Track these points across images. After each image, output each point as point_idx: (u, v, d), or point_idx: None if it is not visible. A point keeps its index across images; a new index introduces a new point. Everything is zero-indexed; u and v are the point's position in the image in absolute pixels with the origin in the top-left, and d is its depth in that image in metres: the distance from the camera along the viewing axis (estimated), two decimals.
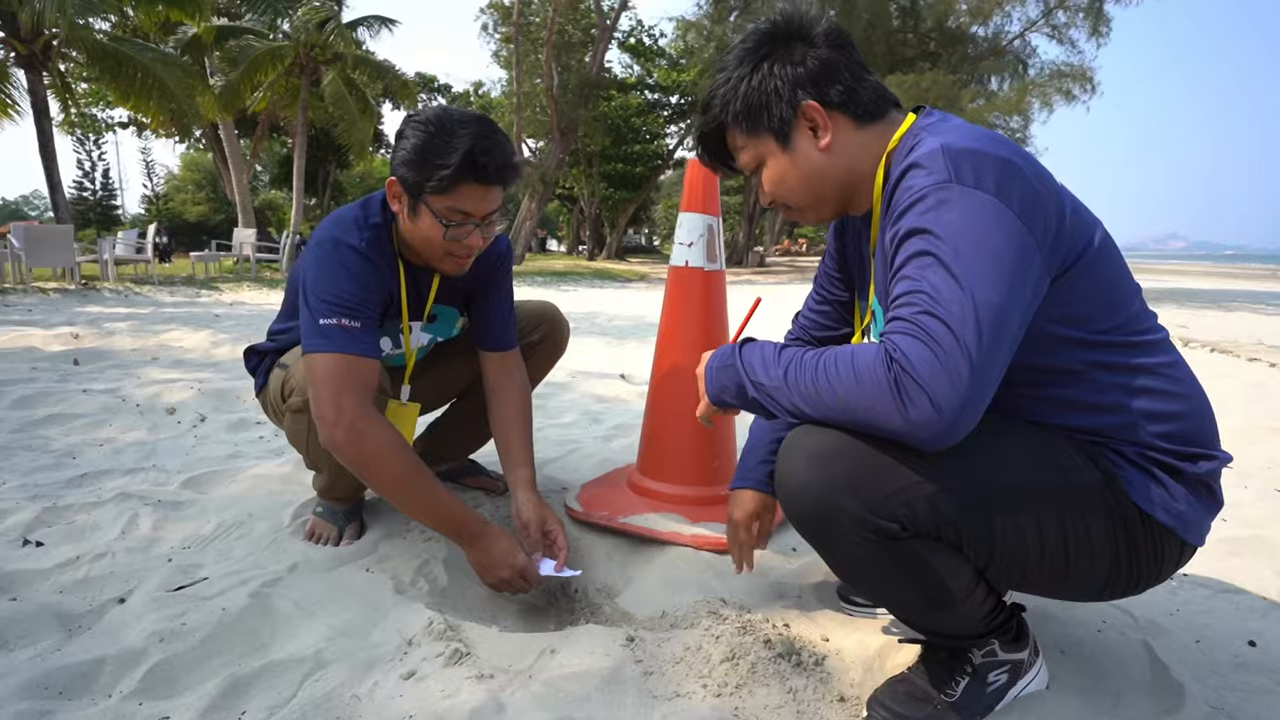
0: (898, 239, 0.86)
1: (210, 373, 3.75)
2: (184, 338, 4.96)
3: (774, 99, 0.98)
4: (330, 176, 27.66)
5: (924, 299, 0.80)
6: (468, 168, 1.30)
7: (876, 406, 0.80)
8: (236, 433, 2.61)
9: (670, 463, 1.78)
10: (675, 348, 1.77)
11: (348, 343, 1.32)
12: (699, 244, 1.74)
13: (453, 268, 1.46)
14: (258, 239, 13.42)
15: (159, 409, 2.91)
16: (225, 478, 2.09)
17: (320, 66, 13.77)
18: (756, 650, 1.12)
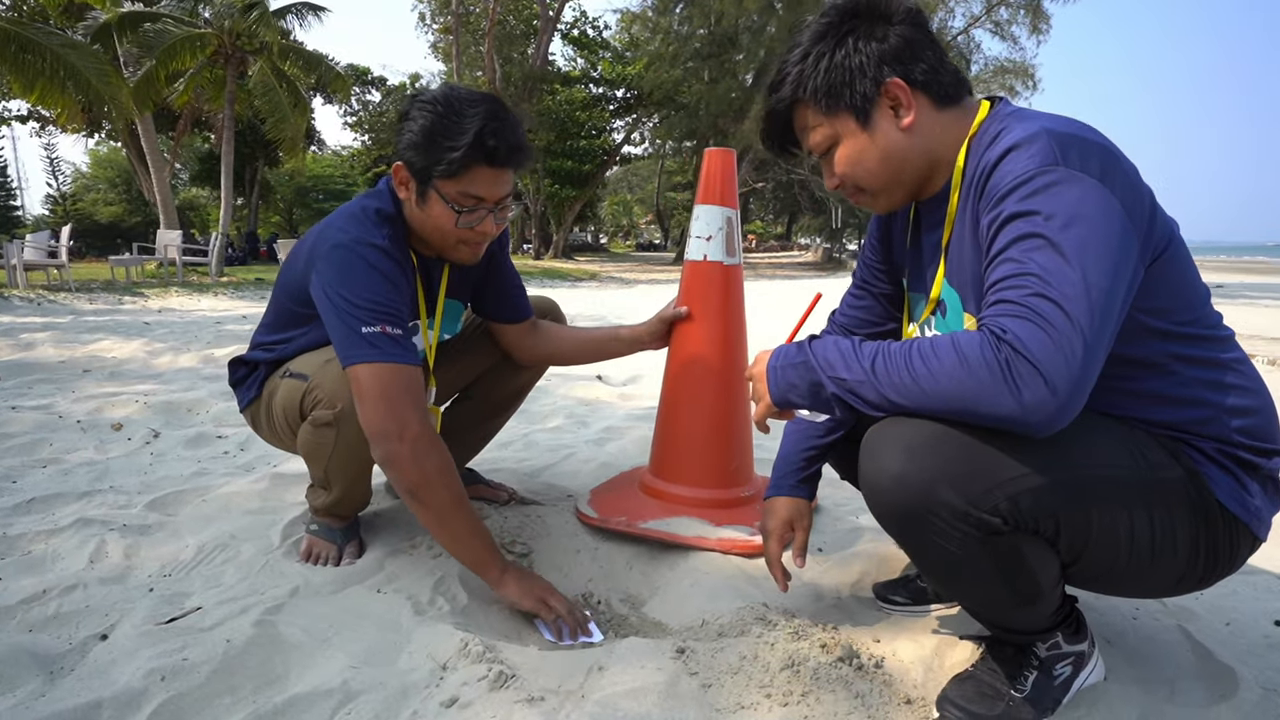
0: (999, 221, 0.85)
1: (154, 384, 3.56)
2: (116, 348, 4.70)
3: (857, 75, 0.96)
4: (258, 174, 26.74)
5: (1034, 281, 0.79)
6: (479, 149, 1.26)
7: (985, 392, 0.79)
8: (197, 448, 2.48)
9: (687, 464, 1.73)
10: (694, 344, 1.73)
11: (399, 352, 1.26)
12: (718, 237, 1.71)
13: (467, 256, 1.42)
14: (194, 232, 12.88)
15: (103, 425, 2.74)
16: (194, 497, 1.97)
17: (247, 56, 13.25)
18: (816, 656, 1.11)
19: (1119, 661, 1.17)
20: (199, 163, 26.73)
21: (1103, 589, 0.99)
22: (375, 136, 33.09)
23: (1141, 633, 1.28)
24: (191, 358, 4.31)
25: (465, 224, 1.33)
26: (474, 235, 1.37)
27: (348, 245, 1.32)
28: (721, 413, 1.72)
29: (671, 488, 1.73)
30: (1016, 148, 0.87)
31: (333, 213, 1.46)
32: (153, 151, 14.43)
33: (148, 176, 16.96)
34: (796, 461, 1.29)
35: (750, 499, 1.74)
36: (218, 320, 6.77)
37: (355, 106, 30.72)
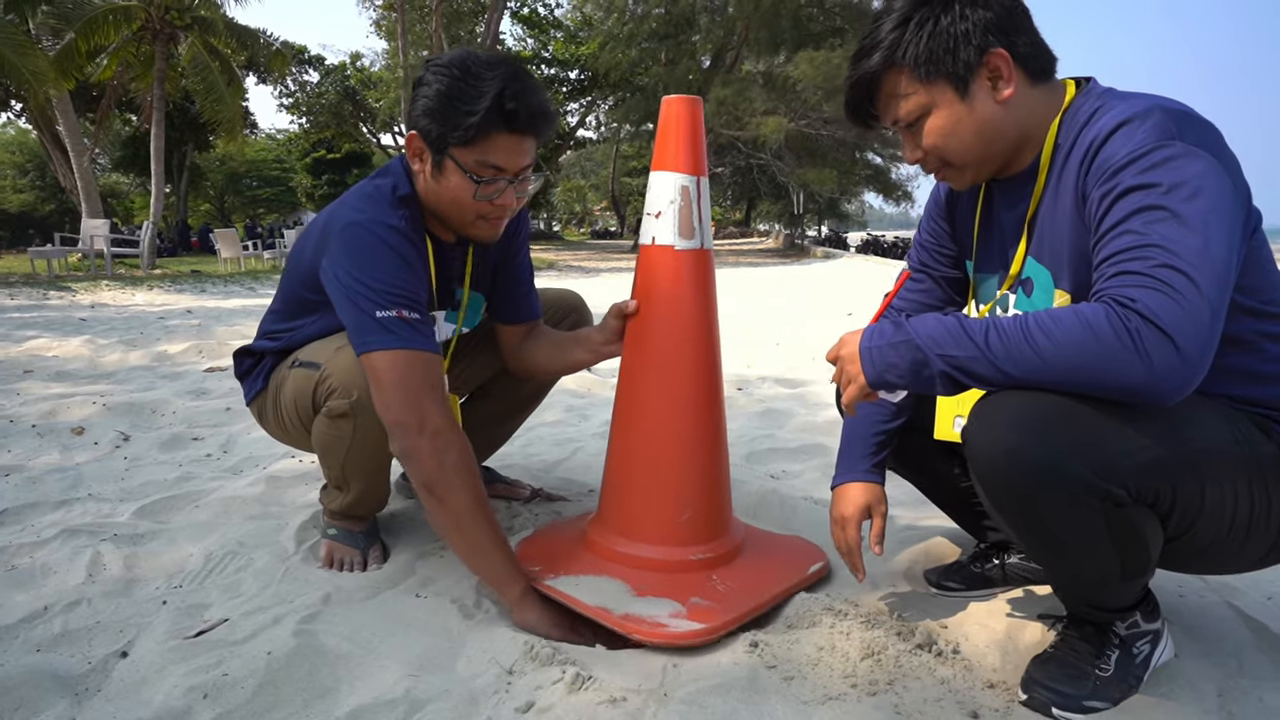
0: (1114, 194, 0.87)
1: (108, 384, 3.41)
2: (55, 346, 4.49)
3: (961, 43, 0.97)
4: (187, 159, 25.80)
5: (1159, 252, 0.82)
6: (497, 114, 1.22)
7: (1115, 360, 0.80)
8: (174, 451, 2.38)
9: (625, 509, 1.37)
10: (640, 356, 1.36)
11: (417, 338, 1.22)
12: (669, 213, 1.32)
13: (486, 232, 1.37)
14: (115, 221, 12.35)
15: (61, 430, 2.62)
16: (185, 503, 1.90)
17: (177, 32, 12.74)
18: (893, 644, 1.12)
19: (1181, 637, 1.21)
20: (121, 147, 25.62)
21: (1194, 566, 1.03)
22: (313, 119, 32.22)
23: (1193, 609, 1.33)
24: (142, 355, 4.14)
25: (484, 196, 1.28)
26: (493, 209, 1.32)
27: (362, 224, 1.28)
28: (670, 447, 1.33)
29: (605, 537, 1.38)
30: (1129, 122, 0.89)
31: (346, 192, 1.42)
32: (72, 133, 13.78)
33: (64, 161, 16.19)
34: (867, 445, 1.29)
35: (705, 563, 1.32)
36: (160, 316, 6.52)
37: (292, 87, 29.83)
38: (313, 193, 38.86)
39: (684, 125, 1.32)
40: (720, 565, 1.33)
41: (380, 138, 33.65)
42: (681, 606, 1.21)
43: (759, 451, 2.27)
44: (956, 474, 1.35)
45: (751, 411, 2.82)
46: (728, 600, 1.23)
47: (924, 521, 1.72)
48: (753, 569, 1.35)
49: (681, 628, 1.15)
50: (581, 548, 1.40)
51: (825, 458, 2.23)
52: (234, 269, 13.35)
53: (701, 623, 1.17)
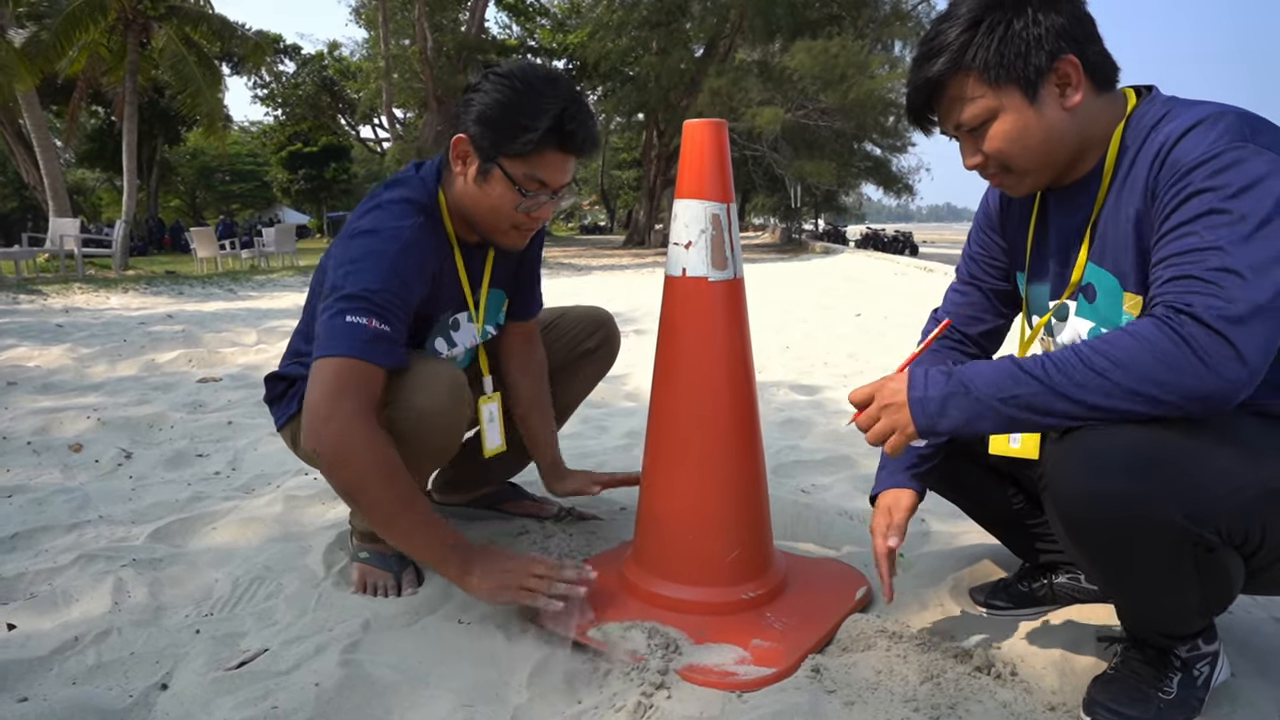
0: (1182, 196, 0.91)
1: (99, 396, 3.41)
2: (36, 355, 4.48)
3: (1034, 48, 1.00)
4: (157, 154, 25.61)
5: (1216, 255, 0.86)
6: (556, 133, 1.29)
7: (1173, 368, 0.85)
8: (180, 469, 2.40)
9: (668, 551, 1.38)
10: (677, 390, 1.36)
11: (369, 349, 1.26)
12: (701, 243, 1.32)
13: (516, 240, 1.44)
14: (83, 219, 12.27)
15: (58, 447, 2.62)
16: (201, 525, 1.92)
17: (151, 22, 12.66)
18: (952, 667, 1.16)
19: (1235, 656, 1.25)
20: (88, 141, 25.41)
21: (1265, 591, 1.07)
22: (290, 111, 32.09)
23: (1243, 626, 1.37)
24: (130, 365, 4.14)
25: (525, 208, 1.35)
26: (529, 220, 1.39)
27: (363, 231, 1.34)
28: (715, 487, 1.35)
29: (647, 581, 1.37)
30: (1202, 123, 0.93)
31: (369, 196, 1.46)
32: (39, 129, 13.67)
33: (27, 156, 16.04)
34: (906, 459, 1.31)
35: (757, 600, 1.35)
36: (140, 321, 6.49)
37: (267, 78, 29.69)
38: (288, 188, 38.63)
39: (711, 150, 1.33)
40: (771, 601, 1.36)
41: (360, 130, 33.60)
42: (745, 652, 1.22)
43: (785, 464, 2.30)
44: (1008, 495, 1.38)
45: (772, 421, 2.85)
46: (788, 638, 1.26)
47: (964, 537, 1.76)
48: (803, 601, 1.38)
49: (752, 674, 1.17)
50: (623, 592, 1.40)
51: (852, 469, 2.27)
52: (211, 269, 13.27)
53: (770, 666, 1.19)
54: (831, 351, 4.58)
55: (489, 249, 1.55)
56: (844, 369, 4.09)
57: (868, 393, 1.07)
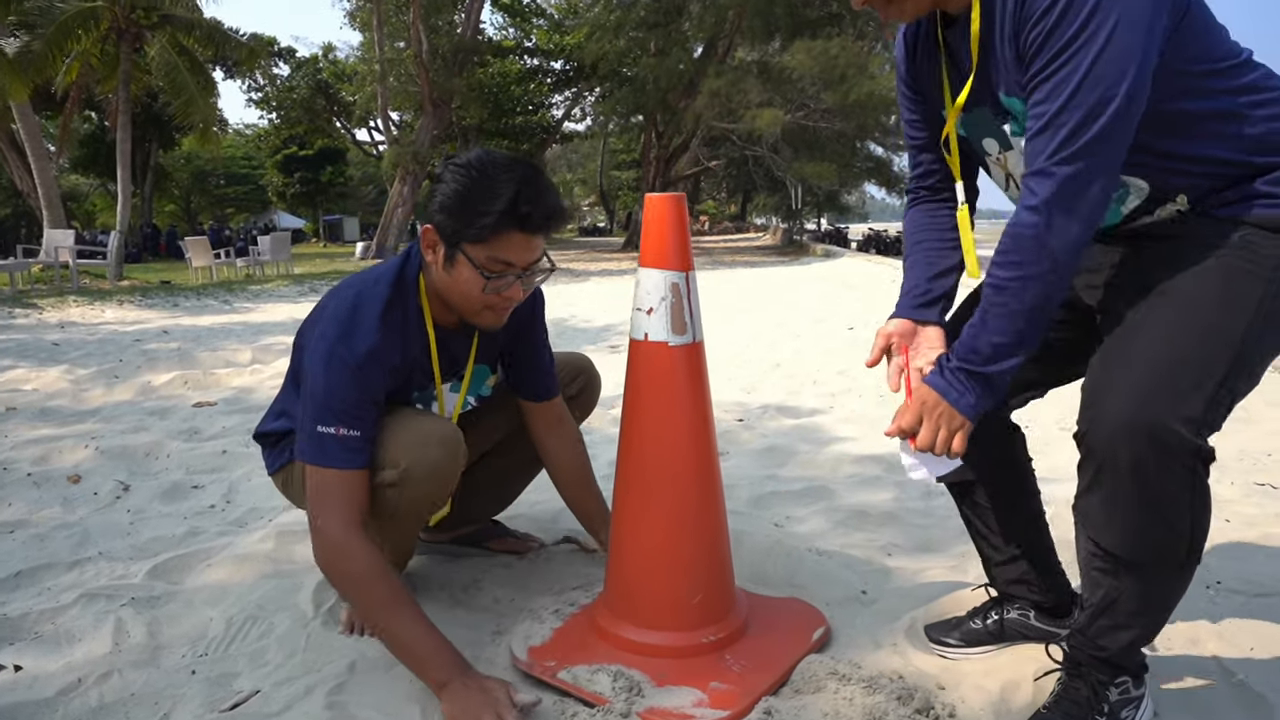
0: (1038, 40, 1.04)
1: (96, 423, 3.53)
2: (32, 377, 4.60)
3: None
4: (151, 159, 25.77)
5: (1060, 109, 1.03)
6: (511, 215, 1.36)
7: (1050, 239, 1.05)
8: (177, 502, 2.51)
9: (633, 596, 1.49)
10: (641, 445, 1.47)
11: (342, 457, 1.41)
12: (661, 309, 1.42)
13: (491, 321, 1.52)
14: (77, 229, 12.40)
15: (57, 477, 2.74)
16: (196, 562, 2.03)
17: (144, 31, 12.80)
18: (894, 709, 1.26)
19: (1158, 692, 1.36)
20: (80, 146, 25.59)
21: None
22: (284, 114, 32.22)
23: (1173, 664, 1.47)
24: (127, 389, 4.25)
25: (493, 289, 1.43)
26: (500, 301, 1.47)
27: (332, 338, 1.43)
28: (679, 539, 1.46)
29: (615, 625, 1.48)
30: None
31: (344, 284, 1.57)
32: (33, 138, 13.82)
33: (20, 163, 16.18)
34: (918, 290, 1.38)
35: (717, 644, 1.45)
36: (135, 338, 6.61)
37: (261, 81, 29.83)
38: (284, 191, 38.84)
39: (670, 222, 1.43)
40: (731, 644, 1.47)
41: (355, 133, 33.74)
42: (703, 694, 1.33)
43: (763, 495, 2.41)
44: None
45: (753, 448, 2.96)
46: (745, 681, 1.37)
47: (928, 573, 1.86)
48: (762, 644, 1.49)
49: (708, 717, 1.28)
50: (593, 635, 1.51)
51: (829, 501, 2.38)
52: (206, 279, 13.42)
53: (726, 709, 1.29)
54: (822, 369, 4.68)
55: (474, 329, 1.64)
56: (833, 386, 4.20)
57: (912, 419, 1.17)
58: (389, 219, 21.82)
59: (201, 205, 42.19)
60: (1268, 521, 2.18)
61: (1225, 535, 2.06)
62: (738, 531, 2.08)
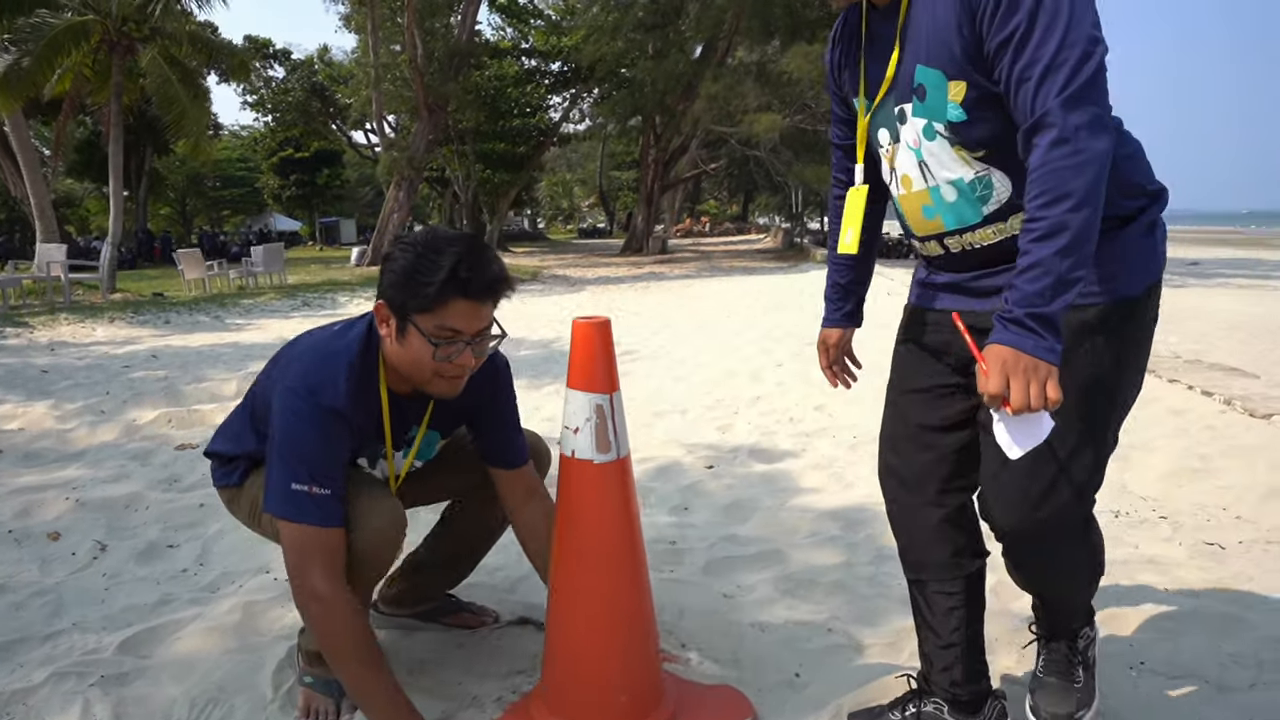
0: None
1: (79, 468, 3.65)
2: (19, 413, 4.72)
3: None
4: (147, 164, 25.92)
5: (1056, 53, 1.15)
6: (453, 283, 1.46)
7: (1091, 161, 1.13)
8: (151, 564, 2.62)
9: (567, 697, 1.61)
10: (569, 558, 1.60)
11: (316, 514, 1.51)
12: (586, 429, 1.55)
13: (445, 389, 1.59)
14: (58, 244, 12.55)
15: (38, 535, 2.85)
16: (167, 634, 2.13)
17: (135, 44, 12.93)
18: None
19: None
20: (75, 151, 25.75)
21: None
22: (279, 117, 32.38)
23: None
24: (111, 429, 4.37)
25: (442, 357, 1.51)
26: (451, 368, 1.54)
27: (301, 394, 1.55)
28: (605, 644, 1.58)
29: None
30: None
31: (306, 341, 1.68)
32: (25, 149, 13.97)
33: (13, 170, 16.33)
34: (832, 299, 1.79)
35: None
36: (124, 364, 6.73)
37: (256, 83, 29.99)
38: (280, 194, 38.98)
39: (595, 347, 1.56)
40: None
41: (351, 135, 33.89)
42: None
43: (716, 561, 2.51)
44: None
45: (718, 503, 3.07)
46: None
47: (867, 653, 1.97)
48: None
49: None
50: None
51: (782, 567, 2.48)
52: (199, 291, 13.55)
53: None
54: (801, 404, 4.78)
55: (429, 398, 1.73)
56: (809, 425, 4.30)
57: (998, 382, 1.15)
58: (385, 224, 21.96)
59: (197, 208, 42.36)
60: (1207, 593, 2.27)
61: (1160, 607, 2.16)
62: (683, 605, 2.20)
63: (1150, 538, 2.68)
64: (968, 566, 1.55)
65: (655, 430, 4.28)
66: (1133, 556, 2.51)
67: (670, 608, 2.15)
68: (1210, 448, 3.58)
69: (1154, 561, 2.47)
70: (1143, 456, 3.49)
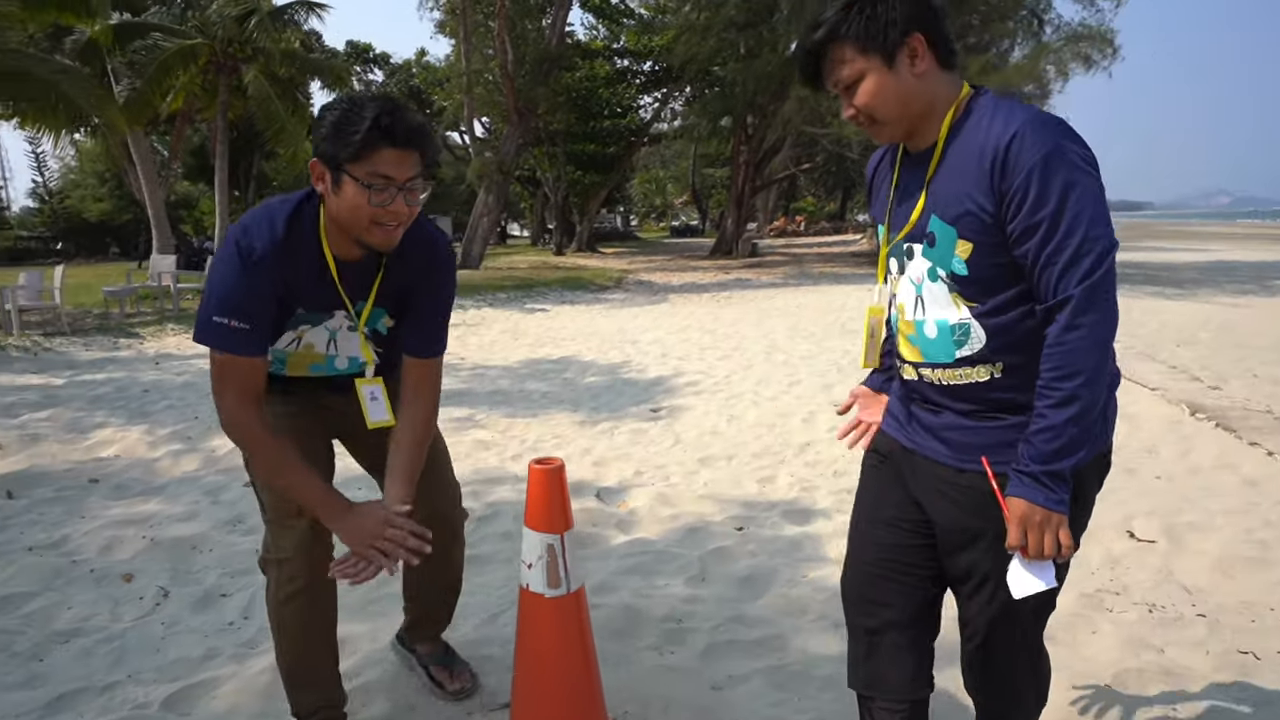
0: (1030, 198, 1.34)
1: (158, 503, 4.05)
2: (118, 438, 5.23)
3: (891, 26, 1.41)
4: (255, 168, 27.62)
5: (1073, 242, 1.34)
6: (376, 129, 1.61)
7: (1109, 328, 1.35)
8: (204, 613, 2.93)
9: None
10: (529, 685, 1.78)
11: (234, 344, 1.74)
12: (538, 566, 1.75)
13: (381, 238, 1.73)
14: (176, 243, 13.65)
15: (114, 576, 3.22)
16: (205, 692, 2.41)
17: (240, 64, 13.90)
18: None
19: None
20: (191, 156, 27.72)
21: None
22: None
23: None
24: (193, 459, 4.81)
25: (377, 203, 1.66)
26: (386, 215, 1.68)
27: (231, 242, 1.75)
28: None
29: None
30: (1023, 132, 1.34)
31: (245, 215, 1.88)
32: (143, 159, 15.20)
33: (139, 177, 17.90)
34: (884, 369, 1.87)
35: None
36: None
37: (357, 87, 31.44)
38: None
39: (546, 489, 1.74)
40: None
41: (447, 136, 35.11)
42: None
43: (718, 645, 2.61)
44: None
45: (735, 573, 3.16)
46: None
47: None
48: None
49: None
50: None
51: (781, 654, 2.56)
52: None
53: None
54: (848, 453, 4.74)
55: (375, 266, 1.89)
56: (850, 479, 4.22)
57: (1016, 535, 1.40)
58: (474, 228, 22.68)
59: None
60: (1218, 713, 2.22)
61: None
62: (670, 698, 2.32)
63: (1178, 640, 2.62)
64: (920, 692, 1.65)
65: (696, 481, 4.39)
66: (1151, 665, 2.47)
67: (656, 701, 2.28)
68: (1277, 531, 3.43)
69: (1171, 672, 2.42)
70: (1198, 538, 3.37)
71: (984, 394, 1.49)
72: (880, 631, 1.66)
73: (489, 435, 5.31)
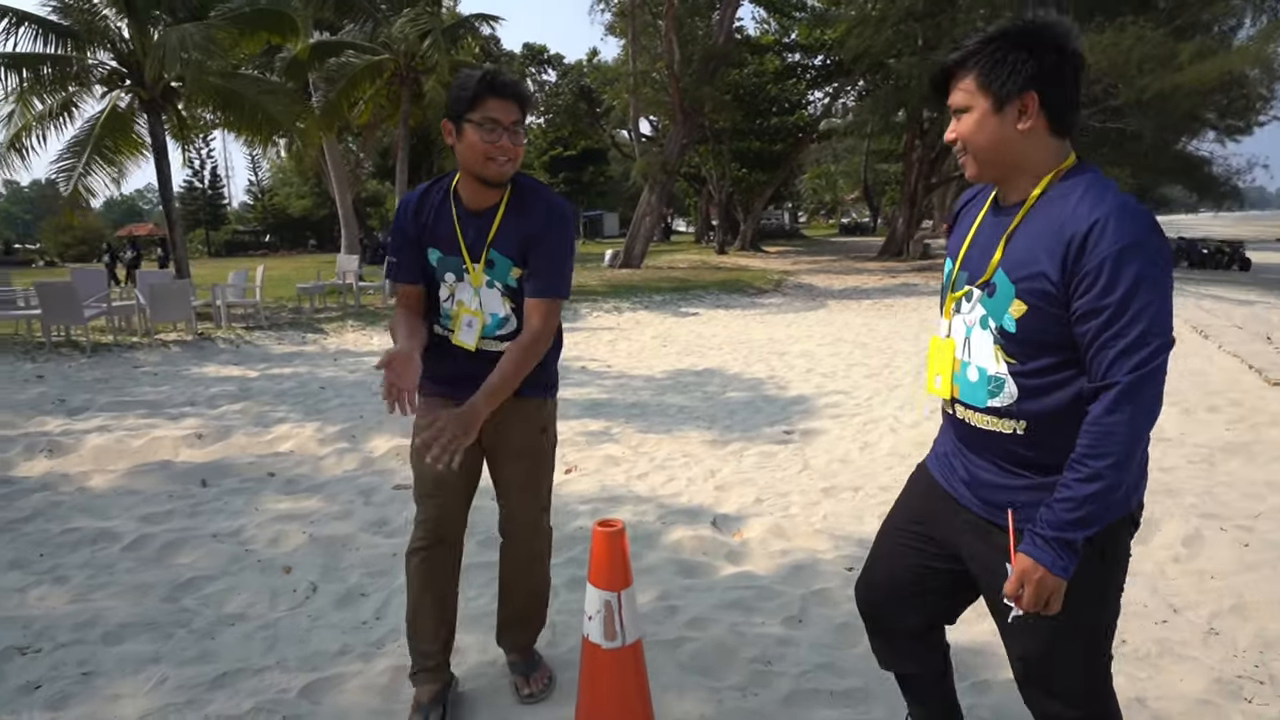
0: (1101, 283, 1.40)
1: (319, 500, 4.59)
2: (294, 434, 5.92)
3: (1012, 76, 1.48)
4: (435, 166, 29.70)
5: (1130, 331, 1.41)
6: (485, 84, 2.11)
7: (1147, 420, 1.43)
8: (344, 610, 3.33)
9: None
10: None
11: (393, 272, 2.40)
12: (597, 619, 1.94)
13: (495, 170, 2.18)
14: (362, 237, 15.07)
15: (276, 567, 3.71)
16: (334, 687, 2.77)
17: (420, 76, 15.08)
18: None
19: None
20: (380, 156, 30.22)
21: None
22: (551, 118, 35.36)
23: None
24: (354, 458, 5.38)
25: (489, 140, 2.12)
26: (497, 149, 2.14)
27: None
28: None
29: None
30: (1109, 219, 1.40)
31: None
32: (336, 164, 16.83)
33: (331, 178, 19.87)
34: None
35: None
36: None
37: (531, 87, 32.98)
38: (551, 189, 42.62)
39: (608, 550, 1.96)
40: None
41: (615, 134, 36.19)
42: None
43: (802, 693, 2.64)
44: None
45: (834, 619, 3.18)
46: None
47: None
48: None
49: None
50: None
51: (866, 711, 2.59)
52: None
53: None
54: None
55: (492, 217, 2.28)
56: None
57: (1014, 585, 1.52)
58: (637, 226, 23.24)
59: None
60: None
61: None
62: None
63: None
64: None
65: (816, 513, 4.41)
66: None
67: None
68: None
69: None
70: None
71: (1006, 446, 1.59)
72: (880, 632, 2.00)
73: (620, 451, 5.55)
